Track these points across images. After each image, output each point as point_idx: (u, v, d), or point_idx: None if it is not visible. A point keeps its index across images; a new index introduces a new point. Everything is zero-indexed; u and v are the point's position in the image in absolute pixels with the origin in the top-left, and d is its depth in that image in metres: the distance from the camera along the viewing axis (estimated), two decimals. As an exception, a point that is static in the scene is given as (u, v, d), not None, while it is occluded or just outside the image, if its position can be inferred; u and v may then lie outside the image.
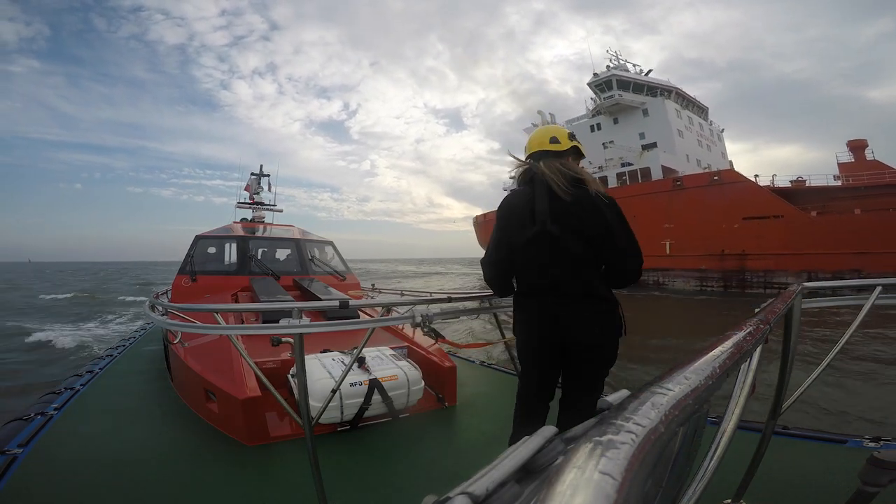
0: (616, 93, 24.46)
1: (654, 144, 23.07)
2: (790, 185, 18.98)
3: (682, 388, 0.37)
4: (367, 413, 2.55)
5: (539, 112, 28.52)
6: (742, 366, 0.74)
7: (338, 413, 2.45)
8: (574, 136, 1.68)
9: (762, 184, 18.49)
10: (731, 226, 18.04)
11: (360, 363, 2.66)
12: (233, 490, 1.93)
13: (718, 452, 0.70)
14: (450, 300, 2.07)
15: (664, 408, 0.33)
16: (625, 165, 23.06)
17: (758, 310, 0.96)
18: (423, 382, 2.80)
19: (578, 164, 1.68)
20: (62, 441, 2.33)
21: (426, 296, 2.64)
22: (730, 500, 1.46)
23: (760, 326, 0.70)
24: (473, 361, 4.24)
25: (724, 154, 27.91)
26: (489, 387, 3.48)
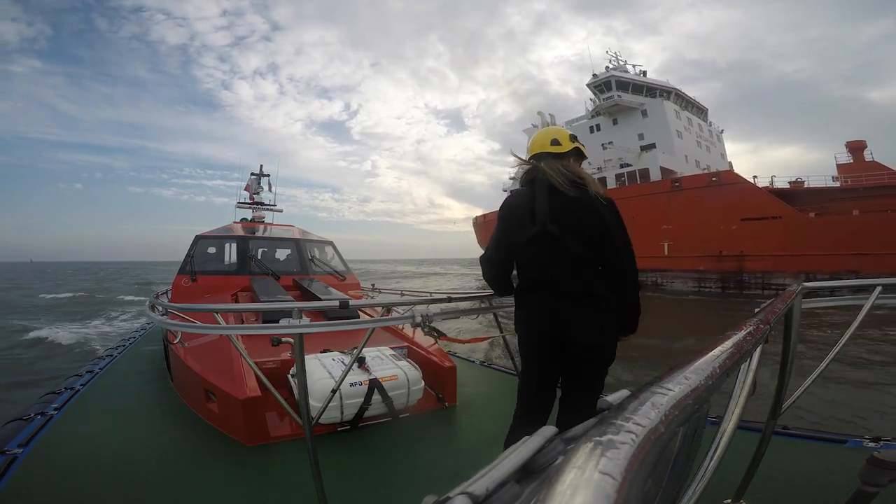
0: (615, 94, 24.44)
1: (653, 145, 23.03)
2: (789, 187, 18.97)
3: (682, 388, 0.37)
4: (367, 413, 2.55)
5: (539, 113, 28.51)
6: (742, 366, 0.74)
7: (338, 413, 2.45)
8: (576, 138, 1.68)
9: (761, 185, 18.49)
10: (730, 227, 18.02)
11: (360, 363, 2.66)
12: (233, 490, 1.93)
13: (718, 452, 0.70)
14: (450, 300, 2.07)
15: (664, 408, 0.33)
16: (624, 166, 23.02)
17: (758, 310, 0.96)
18: (423, 382, 2.79)
19: (580, 165, 1.68)
20: (62, 441, 2.33)
21: (426, 296, 2.64)
22: (730, 500, 1.46)
23: (760, 326, 0.71)
24: (473, 361, 4.23)
25: (724, 155, 27.88)
26: (489, 387, 3.48)
